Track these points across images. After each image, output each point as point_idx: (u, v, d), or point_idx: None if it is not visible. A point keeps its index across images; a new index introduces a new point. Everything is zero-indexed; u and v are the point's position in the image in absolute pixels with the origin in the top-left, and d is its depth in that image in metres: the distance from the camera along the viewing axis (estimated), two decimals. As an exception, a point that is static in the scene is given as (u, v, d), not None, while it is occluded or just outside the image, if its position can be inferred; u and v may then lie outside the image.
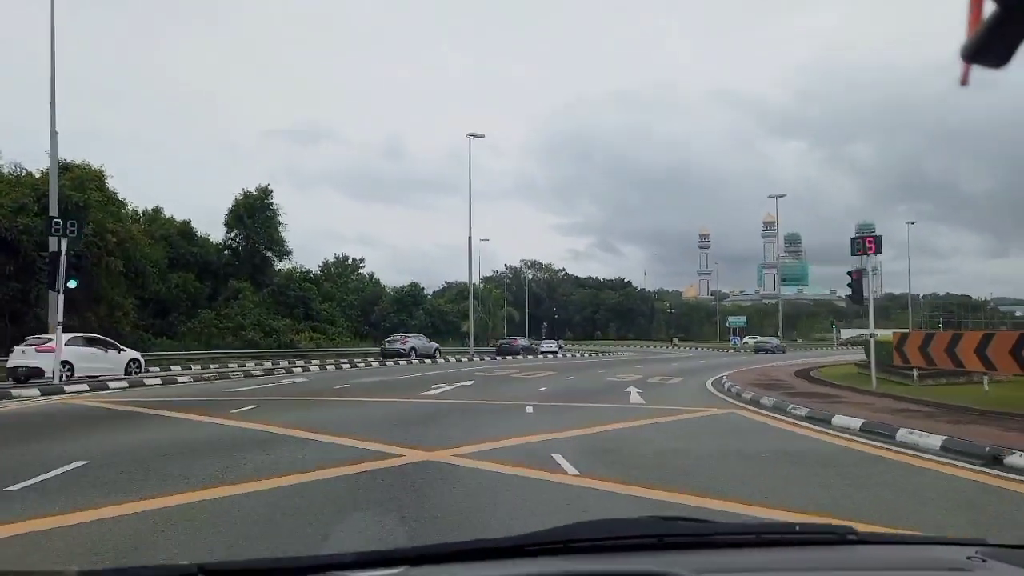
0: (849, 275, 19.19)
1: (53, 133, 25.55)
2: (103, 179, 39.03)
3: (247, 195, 50.69)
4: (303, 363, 35.75)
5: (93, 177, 37.94)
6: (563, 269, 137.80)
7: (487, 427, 11.38)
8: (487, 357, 47.47)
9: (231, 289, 47.63)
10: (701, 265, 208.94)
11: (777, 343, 65.54)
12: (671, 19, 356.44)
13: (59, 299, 19.38)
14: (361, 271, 70.90)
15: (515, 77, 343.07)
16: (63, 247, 18.96)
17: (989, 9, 0.90)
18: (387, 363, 37.46)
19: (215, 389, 19.89)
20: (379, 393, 18.23)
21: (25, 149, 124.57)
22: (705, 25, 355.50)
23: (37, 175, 35.51)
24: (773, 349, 59.79)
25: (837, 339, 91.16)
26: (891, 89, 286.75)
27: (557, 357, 51.88)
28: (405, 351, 42.10)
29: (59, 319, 19.50)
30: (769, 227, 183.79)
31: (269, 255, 51.92)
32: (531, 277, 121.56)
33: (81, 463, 7.89)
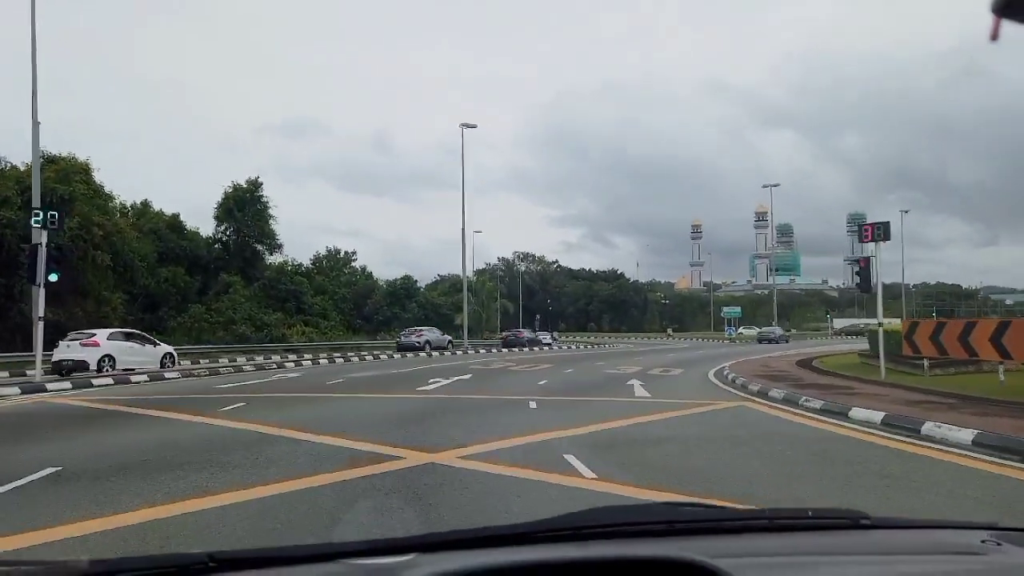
0: (856, 263, 18.93)
1: (35, 123, 24.90)
2: (89, 172, 38.28)
3: (237, 188, 49.88)
4: (295, 358, 35.56)
5: (79, 170, 37.19)
6: (556, 261, 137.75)
7: (490, 425, 10.79)
8: (482, 350, 47.31)
9: (221, 283, 46.88)
10: (693, 256, 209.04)
11: (780, 333, 65.06)
12: (661, 10, 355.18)
13: (40, 292, 18.62)
14: (353, 264, 70.17)
15: (506, 69, 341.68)
16: (44, 239, 18.20)
17: None
18: (395, 356, 38.68)
19: (204, 386, 19.21)
20: (374, 389, 17.57)
21: (9, 144, 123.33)
22: (696, 16, 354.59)
23: (22, 168, 34.72)
24: (777, 339, 59.48)
25: (832, 329, 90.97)
26: (881, 79, 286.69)
27: (552, 349, 51.68)
28: (420, 344, 42.90)
29: (39, 314, 18.71)
30: (762, 217, 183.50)
31: (260, 248, 51.18)
32: (524, 269, 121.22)
33: (53, 470, 7.23)
